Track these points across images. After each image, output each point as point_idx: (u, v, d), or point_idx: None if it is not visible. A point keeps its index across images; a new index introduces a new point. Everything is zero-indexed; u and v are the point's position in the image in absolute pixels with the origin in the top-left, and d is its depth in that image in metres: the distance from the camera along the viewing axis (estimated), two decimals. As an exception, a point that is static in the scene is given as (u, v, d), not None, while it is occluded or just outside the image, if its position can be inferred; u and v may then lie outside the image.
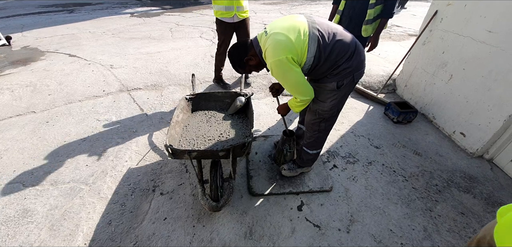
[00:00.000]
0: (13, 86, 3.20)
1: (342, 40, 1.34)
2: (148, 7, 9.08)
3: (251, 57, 1.45)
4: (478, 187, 1.94)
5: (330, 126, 1.66)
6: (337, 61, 1.35)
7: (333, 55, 1.33)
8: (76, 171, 1.99)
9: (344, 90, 1.45)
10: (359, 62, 1.40)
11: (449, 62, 2.46)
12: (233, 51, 1.50)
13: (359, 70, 1.42)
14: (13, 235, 1.53)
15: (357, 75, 1.42)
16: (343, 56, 1.34)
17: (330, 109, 1.52)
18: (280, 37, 1.26)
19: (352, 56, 1.36)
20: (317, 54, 1.32)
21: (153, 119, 2.65)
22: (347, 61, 1.36)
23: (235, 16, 2.71)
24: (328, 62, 1.35)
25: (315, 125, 1.64)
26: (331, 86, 1.42)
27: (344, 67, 1.36)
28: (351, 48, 1.36)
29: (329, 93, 1.46)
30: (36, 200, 1.75)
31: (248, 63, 1.47)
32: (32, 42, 5.05)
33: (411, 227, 1.64)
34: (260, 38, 1.39)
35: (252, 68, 1.52)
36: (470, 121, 2.24)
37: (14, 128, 2.46)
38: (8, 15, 7.90)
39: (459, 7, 2.35)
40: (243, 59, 1.46)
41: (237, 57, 1.47)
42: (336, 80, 1.40)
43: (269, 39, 1.30)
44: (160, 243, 1.51)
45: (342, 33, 1.37)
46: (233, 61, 1.51)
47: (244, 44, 1.48)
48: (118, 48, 4.63)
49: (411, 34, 5.84)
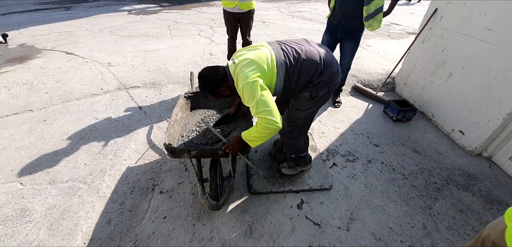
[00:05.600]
0: (9, 84, 3.16)
1: (309, 59, 1.36)
2: (145, 4, 9.01)
3: (225, 88, 1.44)
4: (476, 185, 1.95)
5: (303, 133, 1.69)
6: (309, 78, 1.38)
7: (303, 75, 1.37)
8: (74, 170, 1.97)
9: (319, 101, 1.48)
10: (332, 75, 1.43)
11: (448, 60, 2.46)
12: (207, 78, 1.43)
13: (333, 82, 1.45)
14: (11, 234, 1.52)
15: (332, 87, 1.46)
16: (314, 73, 1.38)
17: (304, 117, 1.55)
18: (250, 63, 1.28)
19: (323, 71, 1.39)
20: (286, 77, 1.35)
21: (152, 117, 2.63)
22: (318, 77, 1.39)
23: (237, 6, 2.78)
24: (300, 82, 1.39)
25: (288, 133, 1.65)
26: (306, 96, 1.45)
27: (317, 81, 1.40)
28: (320, 65, 1.38)
29: (305, 102, 1.48)
30: (35, 199, 1.74)
31: (221, 92, 1.46)
32: (28, 40, 4.99)
33: (410, 224, 1.64)
34: (231, 69, 1.37)
35: (222, 97, 1.51)
36: (469, 119, 2.25)
37: (11, 127, 2.44)
38: (4, 12, 7.80)
39: (458, 5, 2.35)
40: (218, 89, 1.44)
41: (211, 85, 1.43)
42: (309, 91, 1.43)
43: (238, 66, 1.30)
44: (160, 242, 1.51)
45: (308, 51, 1.38)
46: (205, 87, 1.46)
47: (221, 73, 1.43)
48: (115, 46, 4.59)
49: (410, 32, 5.85)
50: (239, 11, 2.82)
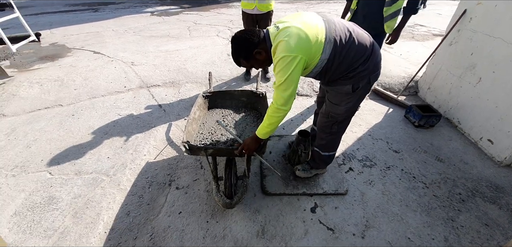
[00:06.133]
0: (42, 80, 3.41)
1: (359, 42, 1.26)
2: (167, 6, 9.32)
3: (261, 50, 1.30)
4: (504, 198, 1.82)
5: (343, 129, 1.62)
6: (352, 64, 1.28)
7: (349, 58, 1.26)
8: (98, 162, 2.09)
9: (360, 93, 1.39)
10: (375, 64, 1.34)
11: (477, 64, 2.32)
12: (241, 39, 1.31)
13: (375, 72, 1.36)
14: (38, 220, 1.64)
15: (373, 78, 1.36)
16: (359, 58, 1.28)
17: (344, 112, 1.47)
18: (300, 33, 1.16)
19: (369, 58, 1.29)
20: (331, 56, 1.24)
21: (171, 115, 2.72)
22: (363, 64, 1.29)
23: (256, 8, 2.82)
24: (342, 65, 1.28)
25: (327, 128, 1.60)
26: (346, 89, 1.36)
27: (360, 70, 1.29)
28: (368, 50, 1.29)
29: (344, 96, 1.40)
30: (61, 188, 1.86)
31: (256, 56, 1.31)
32: (59, 39, 5.35)
33: (430, 236, 1.57)
34: (272, 34, 1.26)
35: (257, 63, 1.36)
36: (499, 127, 2.11)
37: (42, 120, 2.62)
38: (37, 12, 8.41)
39: (489, 7, 2.21)
40: (253, 51, 1.30)
41: (245, 47, 1.30)
42: (351, 83, 1.33)
43: (282, 33, 1.19)
44: (175, 236, 1.55)
45: (359, 34, 1.30)
46: (238, 51, 1.33)
47: (257, 34, 1.31)
48: (138, 46, 4.79)
49: (435, 34, 5.57)
50: (258, 13, 2.85)
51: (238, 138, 1.67)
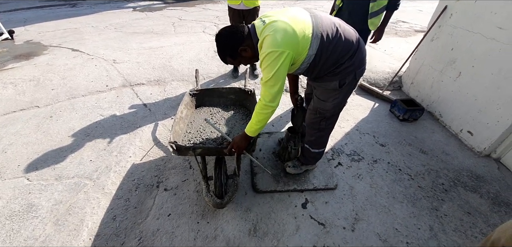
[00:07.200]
0: (16, 80, 3.20)
1: (346, 38, 1.27)
2: (150, 1, 9.02)
3: (246, 47, 1.28)
4: (485, 187, 1.91)
5: (332, 125, 1.63)
6: (339, 59, 1.28)
7: (336, 53, 1.26)
8: (80, 166, 1.99)
9: (346, 89, 1.40)
10: (361, 60, 1.35)
11: (458, 59, 2.41)
12: (225, 36, 1.28)
13: (361, 67, 1.37)
14: (18, 229, 1.54)
15: (359, 73, 1.37)
16: (346, 54, 1.28)
17: (332, 108, 1.48)
18: (286, 27, 1.14)
19: (355, 54, 1.30)
20: (318, 51, 1.23)
21: (157, 114, 2.64)
22: (349, 59, 1.30)
23: (242, 3, 2.78)
24: (329, 61, 1.28)
25: (315, 124, 1.60)
26: (333, 85, 1.37)
27: (347, 65, 1.30)
28: (354, 46, 1.30)
29: (331, 92, 1.41)
30: (41, 195, 1.76)
31: (242, 54, 1.29)
32: (34, 36, 5.04)
33: (416, 226, 1.62)
34: (258, 28, 1.24)
35: (244, 60, 1.34)
36: (478, 119, 2.21)
37: (18, 123, 2.46)
38: (10, 9, 7.89)
39: (469, 3, 2.30)
40: (238, 49, 1.28)
41: (230, 45, 1.28)
42: (338, 78, 1.34)
43: (268, 27, 1.17)
44: (164, 239, 1.51)
45: (346, 29, 1.30)
46: (223, 49, 1.30)
47: (241, 31, 1.28)
48: (120, 43, 4.60)
49: (417, 30, 5.75)
50: (245, 8, 2.81)
51: (227, 137, 1.64)
